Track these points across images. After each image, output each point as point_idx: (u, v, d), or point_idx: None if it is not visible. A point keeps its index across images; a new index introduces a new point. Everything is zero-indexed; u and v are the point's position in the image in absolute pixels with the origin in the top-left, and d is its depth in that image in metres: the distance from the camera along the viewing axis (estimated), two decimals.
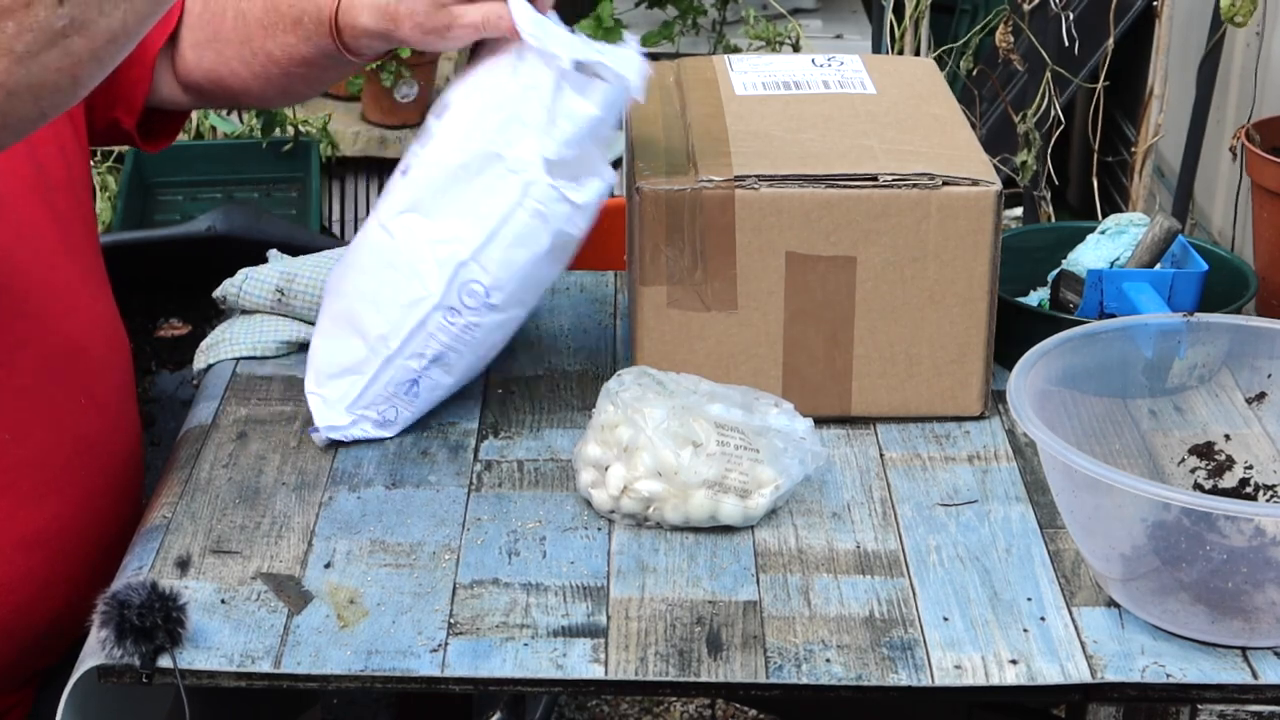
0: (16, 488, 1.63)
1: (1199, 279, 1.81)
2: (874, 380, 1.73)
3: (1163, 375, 1.64)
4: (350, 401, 1.68)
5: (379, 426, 1.69)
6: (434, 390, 1.70)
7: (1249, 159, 1.96)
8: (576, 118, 1.62)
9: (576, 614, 1.46)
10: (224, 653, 1.41)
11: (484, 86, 1.67)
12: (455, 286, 1.64)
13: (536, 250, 1.65)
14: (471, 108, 1.66)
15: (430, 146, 1.67)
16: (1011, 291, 1.87)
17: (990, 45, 2.80)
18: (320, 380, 1.70)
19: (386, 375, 1.67)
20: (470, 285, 1.64)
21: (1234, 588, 1.39)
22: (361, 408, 1.68)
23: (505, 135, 1.63)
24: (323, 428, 1.68)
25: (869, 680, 1.40)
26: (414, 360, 1.67)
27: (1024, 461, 1.68)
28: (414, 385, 1.68)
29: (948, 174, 1.68)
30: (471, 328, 1.66)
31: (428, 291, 1.64)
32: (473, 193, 1.64)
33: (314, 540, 1.56)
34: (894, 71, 1.93)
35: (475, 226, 1.64)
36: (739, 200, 1.67)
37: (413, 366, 1.67)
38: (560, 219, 1.64)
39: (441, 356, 1.67)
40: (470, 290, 1.65)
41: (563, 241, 1.66)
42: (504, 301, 1.66)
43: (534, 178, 1.62)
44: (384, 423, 1.69)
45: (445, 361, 1.68)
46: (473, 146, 1.64)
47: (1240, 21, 2.33)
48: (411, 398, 1.69)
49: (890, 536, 1.57)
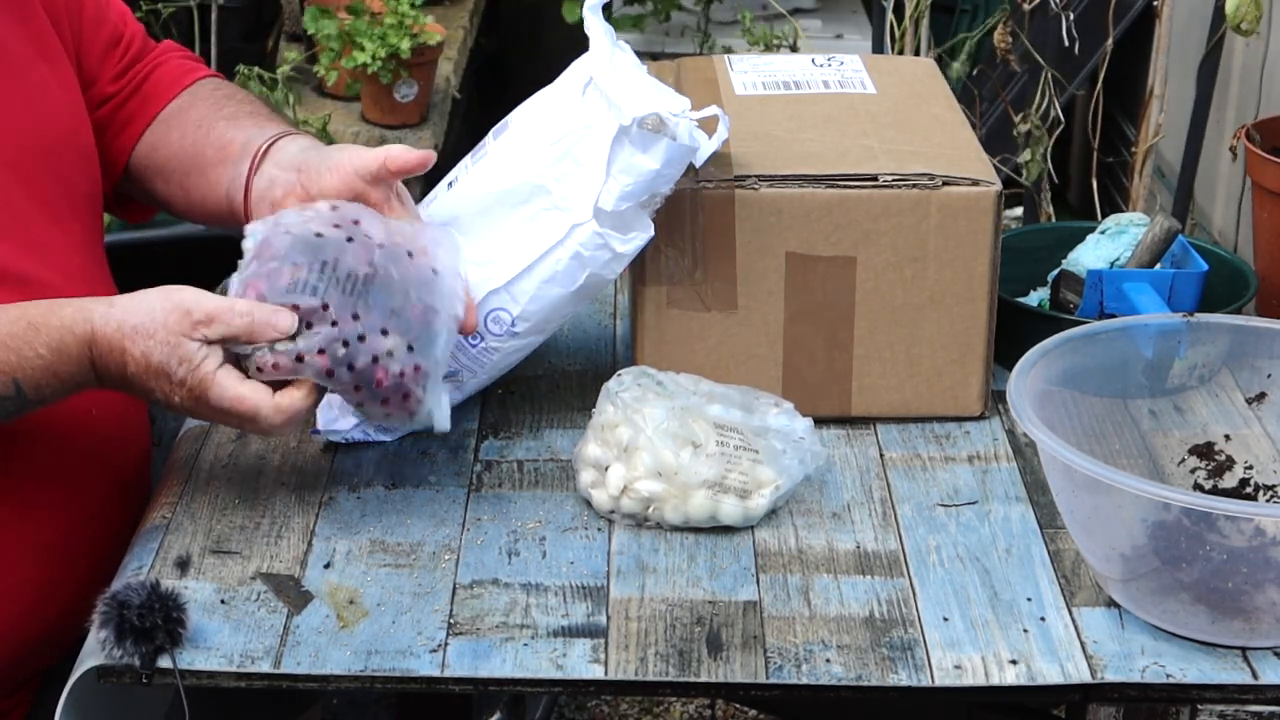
0: (27, 491, 1.63)
1: (1199, 279, 1.81)
2: (874, 380, 1.73)
3: (1163, 375, 1.64)
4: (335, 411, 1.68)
5: (380, 431, 1.69)
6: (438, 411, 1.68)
7: (1249, 159, 1.96)
8: (636, 171, 1.59)
9: (576, 614, 1.46)
10: (224, 653, 1.41)
11: (545, 114, 1.66)
12: (483, 311, 1.64)
13: (569, 288, 1.64)
14: (529, 134, 1.65)
15: (482, 165, 1.67)
16: (1011, 291, 1.87)
17: (990, 45, 2.80)
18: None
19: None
20: (498, 313, 1.64)
21: (1234, 588, 1.39)
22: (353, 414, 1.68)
23: (556, 170, 1.62)
24: (324, 429, 1.68)
25: (869, 680, 1.40)
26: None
27: (1024, 461, 1.68)
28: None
29: (948, 174, 1.68)
30: (490, 351, 1.66)
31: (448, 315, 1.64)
32: (514, 221, 1.63)
33: (314, 540, 1.56)
34: (894, 71, 1.93)
35: (513, 256, 1.63)
36: (739, 200, 1.67)
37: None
38: (599, 264, 1.63)
39: (455, 374, 1.67)
40: (497, 318, 1.64)
41: (595, 282, 1.65)
42: (527, 330, 1.66)
43: (581, 220, 1.61)
44: (386, 429, 1.69)
45: (458, 379, 1.68)
46: (523, 174, 1.63)
47: (1247, 29, 2.31)
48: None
49: (890, 537, 1.57)
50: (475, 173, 1.67)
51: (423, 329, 1.53)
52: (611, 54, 1.63)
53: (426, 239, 1.59)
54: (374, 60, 3.26)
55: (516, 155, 1.65)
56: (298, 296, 1.50)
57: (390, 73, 3.31)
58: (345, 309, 1.50)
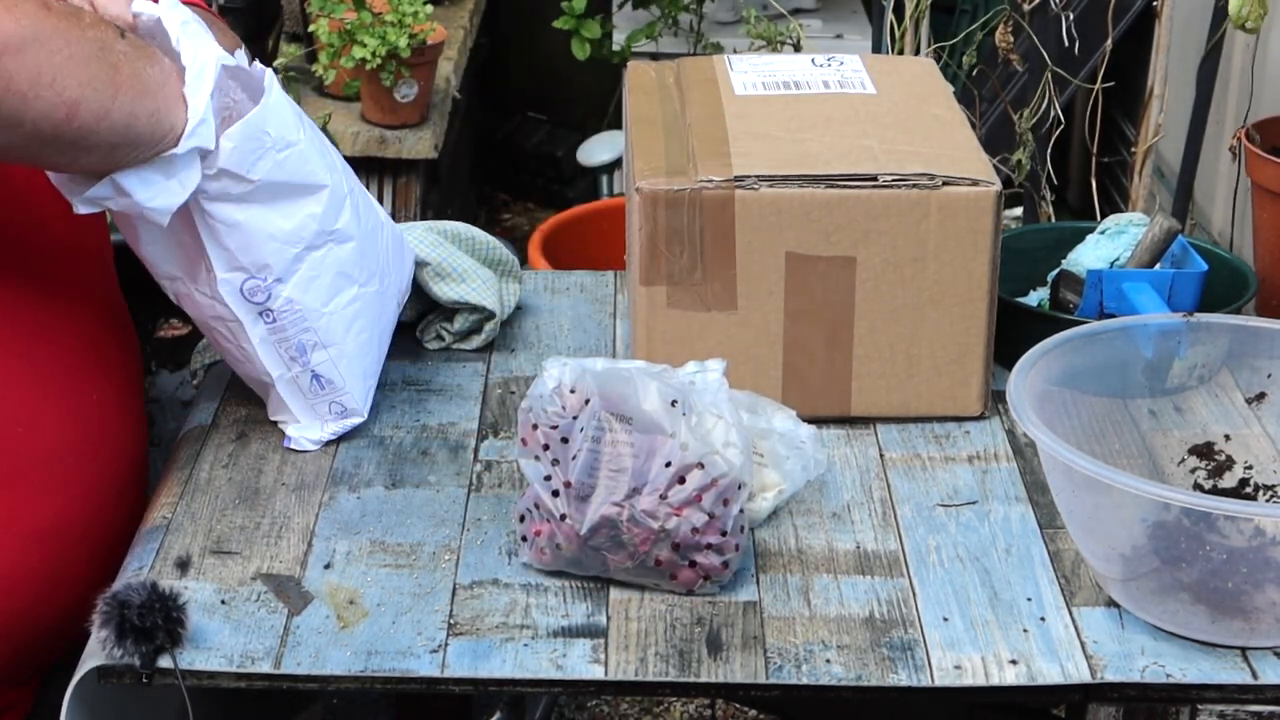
0: (25, 480, 1.63)
1: (1199, 279, 1.81)
2: (874, 380, 1.73)
3: (1163, 375, 1.64)
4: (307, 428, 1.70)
5: (341, 419, 1.70)
6: (336, 364, 1.68)
7: (1249, 159, 1.96)
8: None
9: (576, 614, 1.46)
10: (224, 653, 1.41)
11: None
12: (237, 300, 1.63)
13: (244, 219, 1.60)
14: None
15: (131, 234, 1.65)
16: (1011, 291, 1.87)
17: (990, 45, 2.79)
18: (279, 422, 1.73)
19: (295, 391, 1.68)
20: (244, 287, 1.62)
21: (1234, 588, 1.39)
22: (315, 423, 1.69)
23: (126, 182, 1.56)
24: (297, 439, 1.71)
25: (869, 680, 1.40)
26: (295, 365, 1.66)
27: (1024, 461, 1.68)
28: (316, 379, 1.67)
29: (948, 174, 1.68)
30: (287, 307, 1.64)
31: (235, 319, 1.63)
32: (182, 235, 1.61)
33: (314, 541, 1.56)
34: (894, 71, 1.93)
35: (203, 253, 1.61)
36: (739, 200, 1.67)
37: (299, 369, 1.67)
38: (223, 190, 1.58)
39: (300, 344, 1.66)
40: (249, 290, 1.63)
41: (258, 193, 1.59)
42: (281, 266, 1.62)
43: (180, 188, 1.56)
44: (340, 414, 1.70)
45: (310, 343, 1.66)
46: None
47: (1251, 27, 2.31)
48: (330, 388, 1.68)
49: (890, 537, 1.57)
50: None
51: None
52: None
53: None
54: (374, 57, 3.26)
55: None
56: None
57: (390, 73, 3.31)
58: None
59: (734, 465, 1.46)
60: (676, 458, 1.45)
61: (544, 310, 1.98)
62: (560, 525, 1.48)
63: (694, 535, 1.45)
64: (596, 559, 1.48)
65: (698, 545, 1.46)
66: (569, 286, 2.04)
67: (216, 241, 1.60)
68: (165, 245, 1.63)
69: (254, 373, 1.69)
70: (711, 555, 1.46)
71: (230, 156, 1.56)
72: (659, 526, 1.45)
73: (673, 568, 1.47)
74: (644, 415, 1.47)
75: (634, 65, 1.97)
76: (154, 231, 1.61)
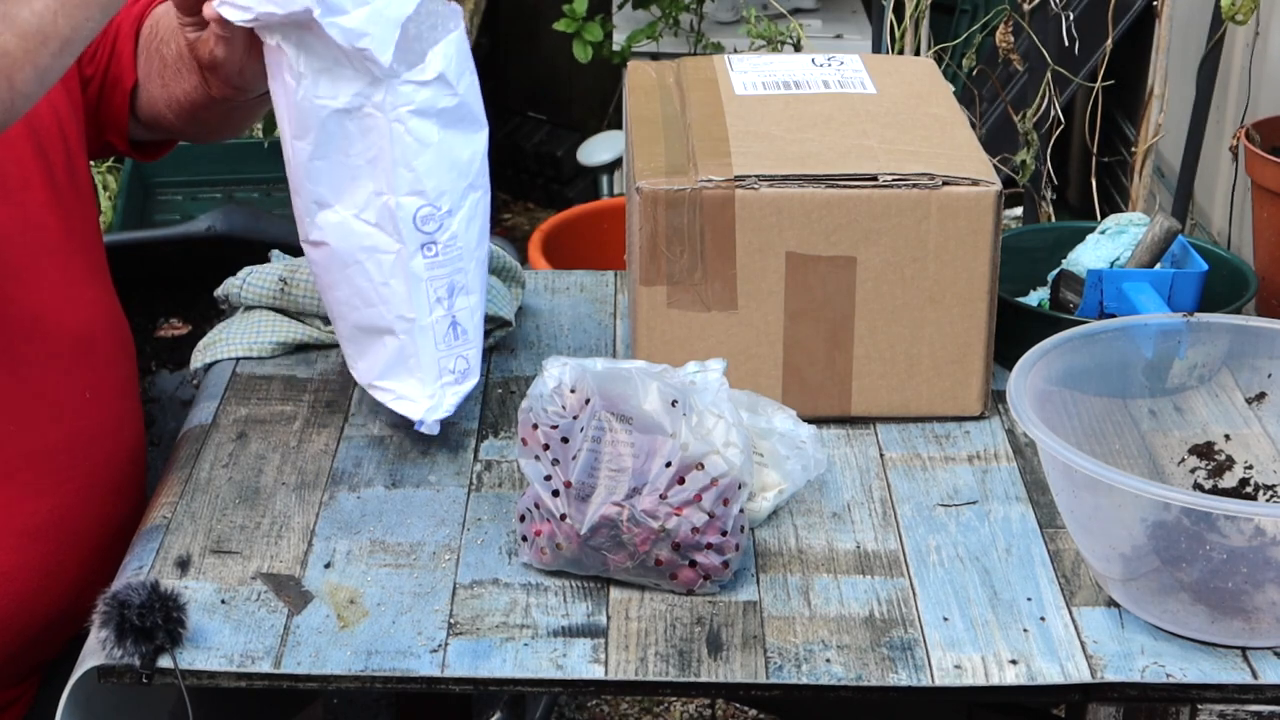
0: (19, 478, 1.64)
1: (1199, 279, 1.81)
2: (874, 380, 1.73)
3: (1163, 375, 1.64)
4: (424, 388, 1.65)
5: (461, 381, 1.66)
6: (473, 314, 1.66)
7: (1248, 159, 1.96)
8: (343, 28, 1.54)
9: (576, 614, 1.46)
10: (224, 653, 1.41)
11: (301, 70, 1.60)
12: (410, 227, 1.60)
13: (438, 140, 1.59)
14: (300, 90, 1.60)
15: (289, 150, 1.63)
16: (1011, 291, 1.87)
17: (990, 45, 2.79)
18: (389, 391, 1.67)
19: (428, 340, 1.63)
20: (418, 214, 1.60)
21: (1234, 588, 1.39)
22: (435, 382, 1.65)
23: (334, 86, 1.57)
24: (427, 420, 1.65)
25: (869, 680, 1.40)
26: (439, 307, 1.63)
27: (1024, 461, 1.68)
28: (454, 326, 1.64)
29: (948, 174, 1.68)
30: (451, 242, 1.62)
31: (393, 251, 1.60)
32: (354, 153, 1.59)
33: (314, 540, 1.56)
34: (894, 71, 1.93)
35: (377, 174, 1.59)
36: (739, 200, 1.67)
37: (441, 314, 1.63)
38: (431, 101, 1.57)
39: (452, 285, 1.63)
40: (422, 218, 1.60)
41: (454, 113, 1.59)
42: (453, 198, 1.61)
43: (378, 94, 1.56)
44: (462, 375, 1.66)
45: (459, 285, 1.64)
46: (313, 120, 1.59)
47: (1241, 20, 2.33)
48: (463, 339, 1.65)
49: (890, 536, 1.57)
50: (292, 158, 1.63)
51: None
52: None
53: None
54: None
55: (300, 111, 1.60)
56: None
57: None
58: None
59: (734, 465, 1.46)
60: (676, 458, 1.45)
61: (544, 310, 1.98)
62: (560, 525, 1.48)
63: (694, 535, 1.45)
64: (596, 559, 1.48)
65: (698, 545, 1.46)
66: (569, 286, 2.04)
67: (405, 161, 1.58)
68: (331, 161, 1.60)
69: (383, 317, 1.63)
70: (711, 555, 1.47)
71: (448, 64, 1.56)
72: (659, 526, 1.45)
73: (673, 567, 1.47)
74: (644, 415, 1.47)
75: (634, 65, 1.97)
76: (327, 144, 1.58)
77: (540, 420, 1.49)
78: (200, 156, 3.55)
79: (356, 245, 1.61)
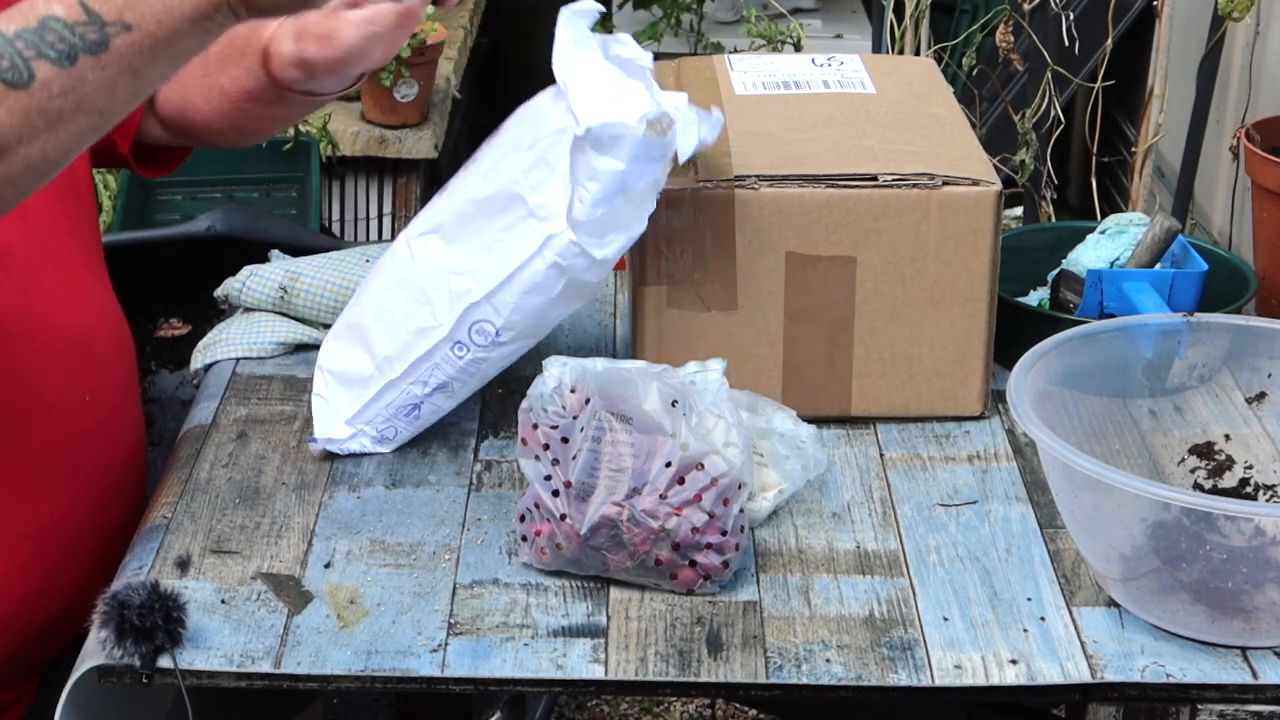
0: (20, 479, 1.64)
1: (1199, 279, 1.81)
2: (874, 380, 1.73)
3: (1163, 375, 1.64)
4: (351, 415, 1.68)
5: (377, 443, 1.69)
6: (435, 413, 1.69)
7: (1248, 159, 1.96)
8: (602, 175, 1.55)
9: (576, 614, 1.46)
10: (224, 653, 1.41)
11: (526, 119, 1.65)
12: (465, 323, 1.63)
13: (549, 296, 1.62)
14: (510, 140, 1.64)
15: (467, 172, 1.66)
16: (1011, 291, 1.87)
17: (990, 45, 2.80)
18: (325, 384, 1.70)
19: (389, 397, 1.67)
20: (481, 325, 1.63)
21: (1234, 588, 1.39)
22: (362, 423, 1.68)
23: (532, 178, 1.60)
24: (320, 439, 1.68)
25: (869, 680, 1.40)
26: (417, 386, 1.66)
27: (1024, 461, 1.68)
28: (415, 409, 1.67)
29: (948, 174, 1.68)
30: (478, 361, 1.65)
31: (437, 322, 1.63)
32: (493, 230, 1.61)
33: (314, 540, 1.56)
34: (894, 71, 1.93)
35: (492, 266, 1.61)
36: (739, 200, 1.67)
37: (416, 392, 1.66)
38: (578, 271, 1.60)
39: (445, 385, 1.66)
40: (480, 329, 1.63)
41: (577, 288, 1.62)
42: (512, 339, 1.65)
43: (557, 230, 1.58)
44: (382, 439, 1.69)
45: (448, 389, 1.67)
46: (501, 182, 1.62)
47: (1237, 17, 2.33)
48: (412, 419, 1.68)
49: (890, 536, 1.57)
50: (461, 179, 1.66)
51: None
52: (574, 54, 1.60)
53: None
54: None
55: (496, 162, 1.64)
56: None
57: (390, 73, 3.31)
58: None
59: (734, 465, 1.46)
60: (676, 458, 1.45)
61: None
62: (560, 525, 1.48)
63: (694, 535, 1.45)
64: (596, 559, 1.48)
65: (698, 545, 1.46)
66: None
67: (519, 287, 1.61)
68: (490, 217, 1.63)
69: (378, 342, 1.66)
70: (711, 555, 1.47)
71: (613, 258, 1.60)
72: (659, 526, 1.45)
73: (673, 567, 1.47)
74: (644, 415, 1.47)
75: None
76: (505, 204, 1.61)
77: (540, 420, 1.49)
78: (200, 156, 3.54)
79: (426, 287, 1.64)
